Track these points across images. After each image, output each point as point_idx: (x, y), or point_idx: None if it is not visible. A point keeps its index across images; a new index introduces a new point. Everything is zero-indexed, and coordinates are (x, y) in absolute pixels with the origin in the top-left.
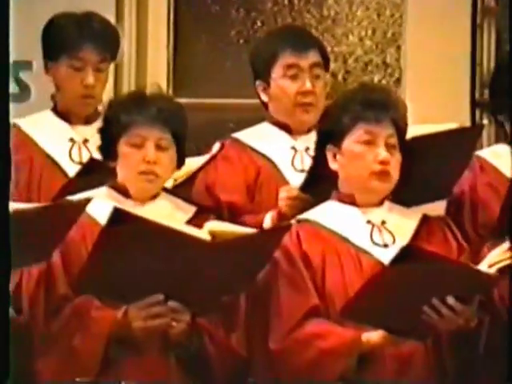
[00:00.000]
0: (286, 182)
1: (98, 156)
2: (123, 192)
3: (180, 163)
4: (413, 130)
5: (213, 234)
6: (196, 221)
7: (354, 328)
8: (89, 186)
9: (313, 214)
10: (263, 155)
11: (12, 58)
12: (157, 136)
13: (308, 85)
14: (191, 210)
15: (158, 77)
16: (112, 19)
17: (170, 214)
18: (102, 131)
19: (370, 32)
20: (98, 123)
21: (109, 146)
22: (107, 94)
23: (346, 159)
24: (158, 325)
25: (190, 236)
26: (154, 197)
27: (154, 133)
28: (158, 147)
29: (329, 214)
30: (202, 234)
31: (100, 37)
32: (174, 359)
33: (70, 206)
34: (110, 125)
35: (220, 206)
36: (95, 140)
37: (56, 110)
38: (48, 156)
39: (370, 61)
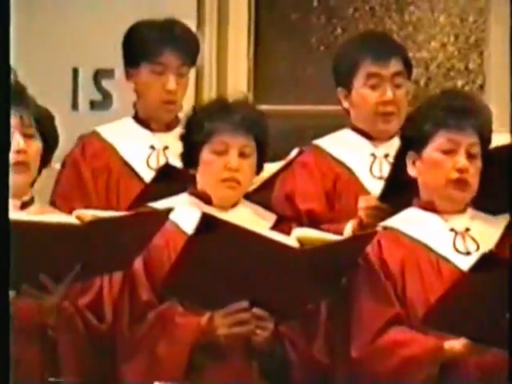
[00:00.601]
0: (364, 189)
1: (175, 162)
2: (205, 199)
3: (259, 170)
4: (496, 139)
5: (301, 240)
6: (278, 228)
7: (437, 336)
8: (164, 191)
9: (394, 221)
10: (341, 162)
11: (95, 66)
12: (240, 143)
13: (389, 94)
14: (272, 217)
15: (238, 83)
16: (193, 26)
17: (253, 220)
18: (185, 138)
19: (452, 38)
20: (179, 130)
21: (191, 153)
22: (189, 102)
23: (425, 166)
24: (243, 332)
25: (279, 243)
26: (235, 204)
27: (238, 140)
28: (241, 154)
29: (410, 221)
30: (291, 240)
31: (180, 42)
32: (257, 366)
33: (153, 214)
34: (193, 132)
35: (299, 214)
36: (175, 147)
37: (137, 118)
38: (126, 163)
39: (452, 67)
